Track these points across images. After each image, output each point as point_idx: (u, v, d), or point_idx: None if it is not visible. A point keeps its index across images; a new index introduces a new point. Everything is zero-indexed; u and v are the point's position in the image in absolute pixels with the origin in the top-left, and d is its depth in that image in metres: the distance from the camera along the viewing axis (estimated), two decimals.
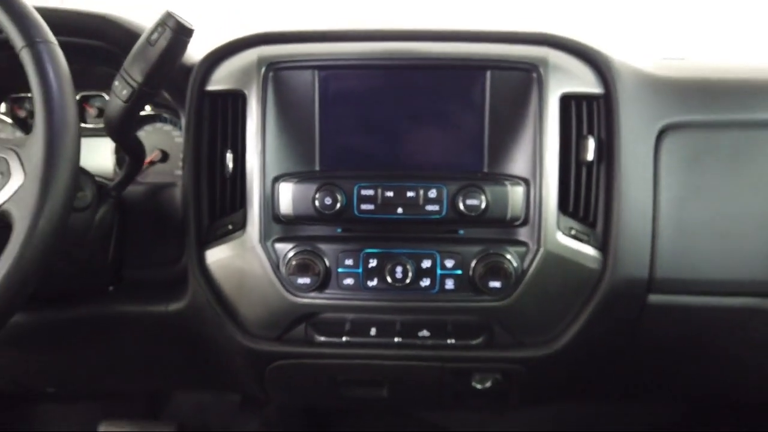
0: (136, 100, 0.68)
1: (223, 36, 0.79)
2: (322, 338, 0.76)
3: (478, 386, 0.82)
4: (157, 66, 0.67)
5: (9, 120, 0.93)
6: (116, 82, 0.68)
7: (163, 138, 0.92)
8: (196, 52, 0.78)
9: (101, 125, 0.89)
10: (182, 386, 1.22)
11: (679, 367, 0.86)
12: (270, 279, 0.73)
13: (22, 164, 0.54)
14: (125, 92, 0.67)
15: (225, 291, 0.77)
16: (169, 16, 0.67)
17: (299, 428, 1.17)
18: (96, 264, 0.79)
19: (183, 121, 0.78)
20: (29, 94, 0.90)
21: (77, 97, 0.88)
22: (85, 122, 0.93)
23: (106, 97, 0.90)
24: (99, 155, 0.93)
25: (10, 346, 0.83)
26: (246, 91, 0.74)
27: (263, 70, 0.73)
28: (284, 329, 0.77)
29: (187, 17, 0.68)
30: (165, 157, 0.92)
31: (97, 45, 0.77)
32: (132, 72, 0.67)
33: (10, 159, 0.55)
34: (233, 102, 0.75)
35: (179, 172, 0.88)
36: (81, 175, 0.69)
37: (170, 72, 0.68)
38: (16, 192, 0.54)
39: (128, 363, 0.93)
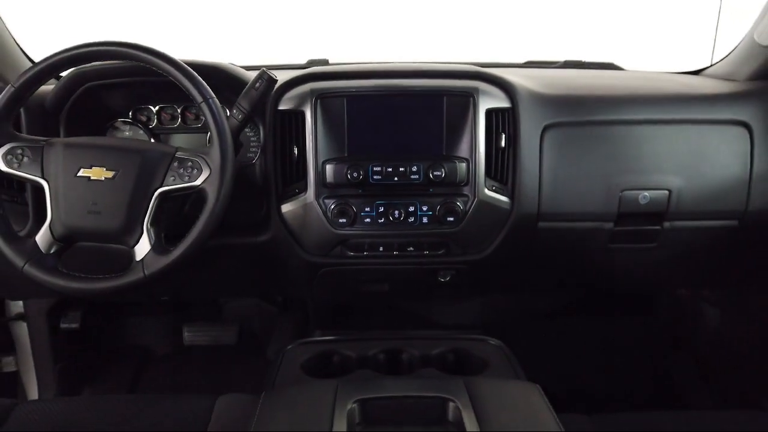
0: (244, 121, 1.19)
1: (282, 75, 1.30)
2: (351, 253, 1.31)
3: (442, 279, 1.39)
4: (257, 102, 1.19)
5: (133, 123, 1.42)
6: (234, 110, 1.18)
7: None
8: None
9: (199, 125, 1.41)
10: (254, 293, 1.78)
11: (559, 267, 1.44)
12: (322, 220, 1.27)
13: (207, 163, 1.06)
14: (240, 116, 1.18)
15: (293, 228, 1.30)
16: (264, 72, 1.18)
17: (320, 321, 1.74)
18: None
19: (261, 129, 1.30)
20: (149, 105, 1.42)
21: (180, 108, 1.40)
22: (186, 123, 1.43)
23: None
24: (197, 142, 1.43)
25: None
26: (304, 110, 1.25)
27: (314, 98, 1.25)
28: (329, 249, 1.32)
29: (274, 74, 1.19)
30: (241, 145, 1.44)
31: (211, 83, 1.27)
32: (243, 104, 1.18)
33: (201, 161, 1.07)
34: (295, 117, 1.27)
35: (250, 155, 1.39)
36: None
37: (264, 104, 1.20)
38: (207, 179, 1.06)
39: (225, 277, 1.48)
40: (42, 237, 1.08)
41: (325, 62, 1.79)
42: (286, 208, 1.29)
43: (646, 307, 1.90)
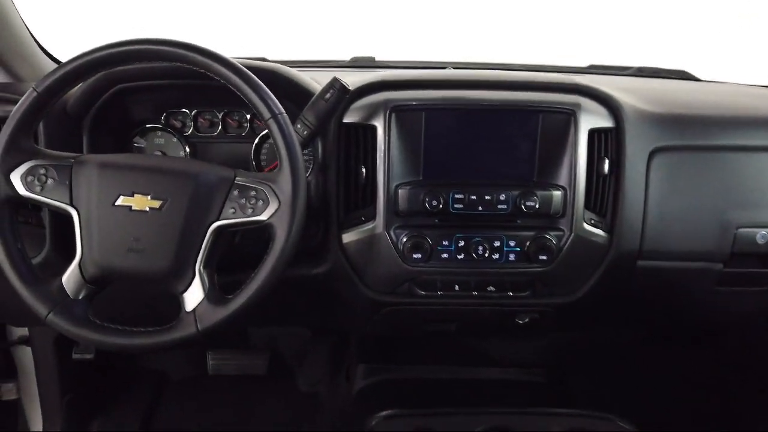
0: (309, 138, 1.00)
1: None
2: (422, 292, 1.13)
3: (520, 322, 1.21)
4: (326, 115, 0.99)
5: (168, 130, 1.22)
6: (298, 125, 0.99)
7: None
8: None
9: (242, 133, 1.21)
10: (297, 324, 1.59)
11: (653, 310, 1.27)
12: (392, 254, 1.08)
13: (275, 193, 0.87)
14: (306, 132, 0.99)
15: (356, 261, 1.12)
16: (336, 80, 0.99)
17: (364, 353, 1.56)
18: None
19: (319, 142, 1.10)
20: (184, 109, 1.22)
21: (221, 114, 1.20)
22: (226, 131, 1.23)
23: (247, 115, 1.21)
24: (240, 153, 1.23)
25: None
26: (376, 124, 1.06)
27: (388, 110, 1.06)
28: (396, 286, 1.13)
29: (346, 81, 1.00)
30: None
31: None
32: (309, 118, 0.99)
33: (266, 190, 0.87)
34: (364, 131, 1.08)
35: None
36: None
37: (332, 118, 1.00)
38: (275, 212, 0.87)
39: (268, 308, 1.28)
40: (70, 279, 0.88)
41: (371, 60, 1.59)
42: (348, 237, 1.10)
43: (714, 335, 1.74)
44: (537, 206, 1.06)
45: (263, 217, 0.87)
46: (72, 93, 1.06)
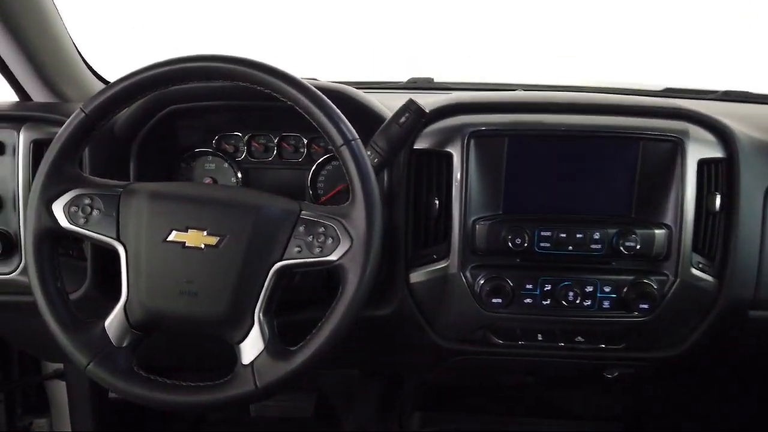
0: (380, 166, 0.88)
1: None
2: (501, 341, 0.99)
3: (608, 376, 1.06)
4: (400, 141, 0.88)
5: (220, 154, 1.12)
6: (368, 152, 0.88)
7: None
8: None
9: (299, 159, 1.11)
10: (353, 367, 1.46)
11: (763, 366, 1.10)
12: (467, 297, 0.96)
13: (347, 230, 0.76)
14: (376, 161, 0.87)
15: (425, 304, 0.99)
16: (412, 102, 0.88)
17: (420, 398, 1.42)
18: None
19: (386, 170, 0.98)
20: (237, 132, 1.12)
21: (277, 138, 1.10)
22: (281, 157, 1.13)
23: (304, 139, 1.11)
24: (295, 181, 1.13)
25: None
26: (452, 151, 0.94)
27: (467, 135, 0.94)
28: (469, 333, 1.00)
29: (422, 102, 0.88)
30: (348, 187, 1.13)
31: None
32: (380, 144, 0.88)
33: (337, 227, 0.76)
34: (438, 159, 0.96)
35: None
36: None
37: (405, 145, 0.89)
38: (347, 252, 0.75)
39: None
40: (113, 324, 0.77)
41: (429, 81, 1.48)
42: (416, 277, 0.98)
43: None
44: (637, 247, 0.92)
45: (333, 257, 0.76)
46: (119, 116, 0.98)
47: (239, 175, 1.12)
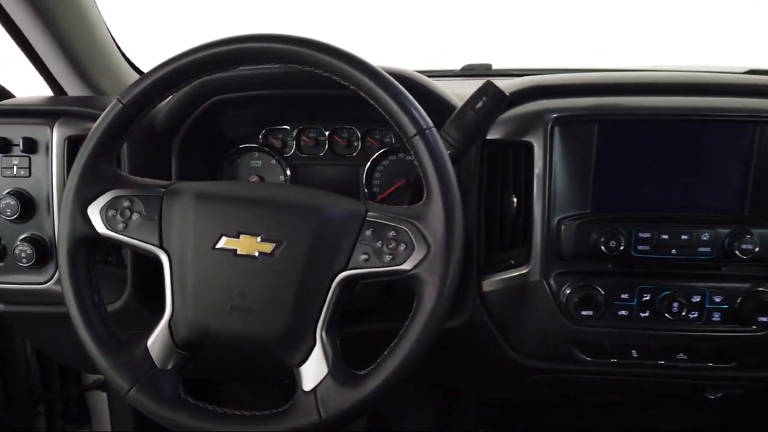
0: (454, 159, 0.76)
1: None
2: (589, 359, 0.87)
3: (711, 397, 0.92)
4: (476, 130, 0.76)
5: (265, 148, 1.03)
6: None
7: (406, 167, 1.01)
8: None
9: (353, 154, 1.01)
10: (411, 382, 1.35)
11: None
12: (551, 309, 0.83)
13: (422, 234, 0.64)
14: (449, 153, 0.75)
15: (499, 315, 0.87)
16: (490, 85, 0.76)
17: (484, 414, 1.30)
18: None
19: None
20: (286, 126, 1.03)
21: (328, 132, 1.00)
22: (333, 152, 1.02)
23: (358, 132, 1.01)
24: (348, 178, 1.03)
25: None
26: (532, 141, 0.82)
27: (550, 122, 0.81)
28: (552, 349, 0.88)
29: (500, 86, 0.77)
30: (407, 184, 1.02)
31: None
32: (452, 134, 0.76)
33: (410, 230, 0.65)
34: (515, 150, 0.84)
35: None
36: None
37: (482, 134, 0.77)
38: (423, 260, 0.64)
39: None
40: (157, 343, 0.68)
41: (487, 67, 1.36)
42: (491, 285, 0.86)
43: None
44: (756, 249, 0.78)
45: (406, 266, 0.65)
46: (160, 108, 0.89)
47: (288, 172, 1.02)
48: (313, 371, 0.66)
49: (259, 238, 0.66)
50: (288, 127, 1.01)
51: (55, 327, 0.96)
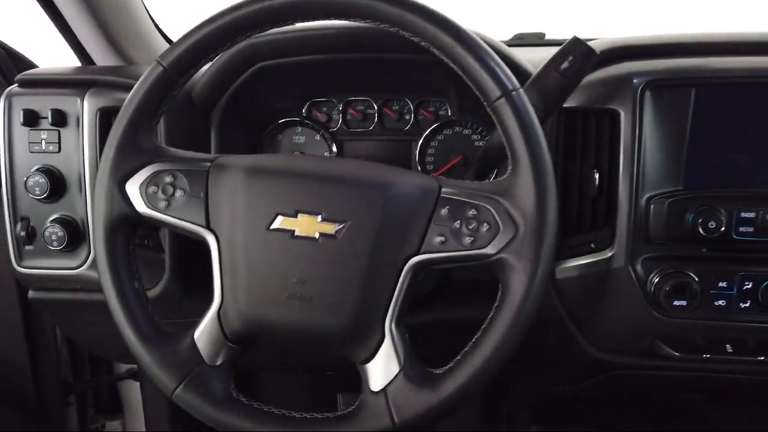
0: None
1: None
2: (677, 354, 0.78)
3: None
4: (561, 93, 0.67)
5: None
6: None
7: (463, 142, 0.92)
8: None
9: (405, 127, 0.92)
10: None
11: None
12: (637, 298, 0.74)
13: (509, 212, 0.56)
14: None
15: (575, 304, 0.79)
16: (577, 41, 0.66)
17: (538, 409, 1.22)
18: None
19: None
20: (332, 98, 0.94)
21: (378, 103, 0.92)
22: (384, 126, 0.94)
23: (411, 104, 0.92)
24: (398, 154, 0.94)
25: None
26: (618, 109, 0.72)
27: (641, 87, 0.72)
28: (634, 343, 0.79)
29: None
30: (465, 161, 0.93)
31: None
32: (531, 99, 0.67)
33: (494, 208, 0.56)
34: (598, 119, 0.75)
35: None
36: None
37: (567, 98, 0.68)
38: (510, 242, 0.55)
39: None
40: (205, 335, 0.61)
41: (540, 36, 1.25)
42: (565, 272, 0.77)
43: None
44: None
45: (490, 249, 0.56)
46: (197, 78, 0.81)
47: (333, 148, 0.94)
48: (382, 369, 0.58)
49: (319, 218, 0.58)
50: (334, 100, 0.93)
51: (88, 315, 0.90)
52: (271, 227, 0.58)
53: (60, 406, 1.29)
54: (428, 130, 0.91)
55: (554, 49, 0.69)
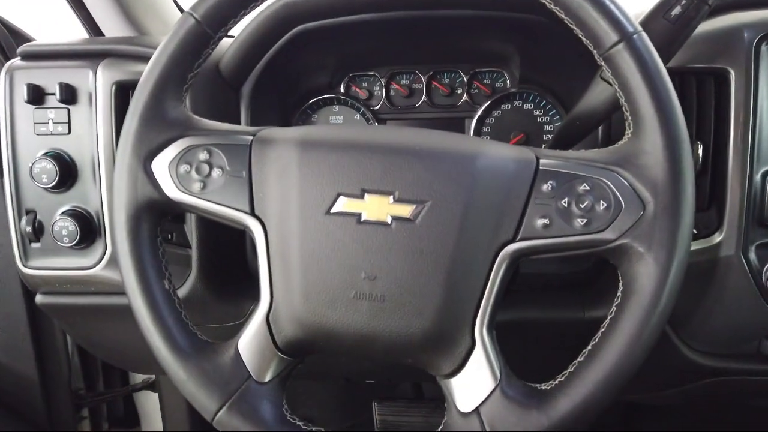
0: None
1: None
2: None
3: None
4: (673, 44, 0.56)
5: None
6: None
7: (523, 118, 0.81)
8: None
9: (457, 103, 0.81)
10: None
11: None
12: (750, 292, 0.63)
13: (632, 186, 0.44)
14: None
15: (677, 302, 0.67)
16: None
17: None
18: None
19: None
20: (373, 72, 0.84)
21: (426, 76, 0.81)
22: (432, 102, 0.83)
23: (465, 76, 0.81)
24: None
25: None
26: (728, 68, 0.61)
27: (755, 41, 0.60)
28: (744, 344, 0.68)
29: None
30: (527, 140, 0.82)
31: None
32: None
33: (612, 181, 0.45)
34: (700, 81, 0.63)
35: None
36: None
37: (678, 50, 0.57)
38: (636, 224, 0.44)
39: None
40: (252, 346, 0.49)
41: None
42: None
43: None
44: None
45: (610, 234, 0.45)
46: (225, 48, 0.70)
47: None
48: (473, 384, 0.47)
49: (391, 198, 0.47)
50: (376, 74, 0.82)
51: (103, 321, 0.80)
52: (332, 211, 0.47)
53: (72, 420, 1.19)
54: (484, 106, 0.80)
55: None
